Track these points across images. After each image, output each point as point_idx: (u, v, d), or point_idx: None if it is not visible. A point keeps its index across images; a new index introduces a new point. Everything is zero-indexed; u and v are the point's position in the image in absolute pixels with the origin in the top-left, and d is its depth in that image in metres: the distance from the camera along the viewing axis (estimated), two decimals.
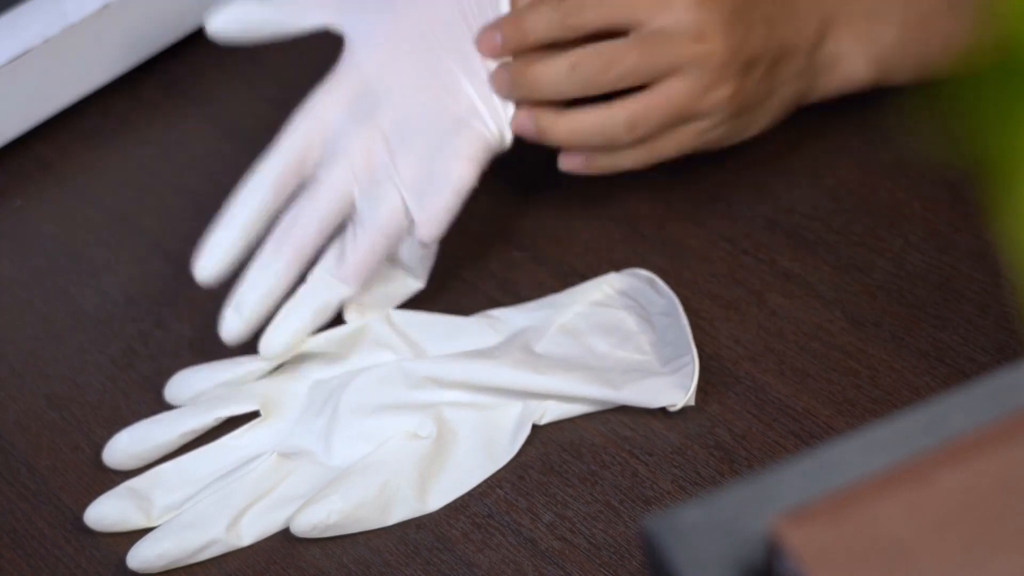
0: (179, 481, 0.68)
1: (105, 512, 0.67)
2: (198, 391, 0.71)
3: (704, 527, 0.41)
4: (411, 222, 0.70)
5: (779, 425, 0.67)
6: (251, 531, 0.66)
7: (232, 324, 0.70)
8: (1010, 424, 0.41)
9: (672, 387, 0.68)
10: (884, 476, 0.40)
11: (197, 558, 0.66)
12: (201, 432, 0.70)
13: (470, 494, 0.67)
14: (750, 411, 0.68)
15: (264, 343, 0.70)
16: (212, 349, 0.73)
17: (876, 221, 0.74)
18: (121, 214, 0.81)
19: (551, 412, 0.69)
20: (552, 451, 0.68)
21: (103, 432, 0.70)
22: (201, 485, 0.68)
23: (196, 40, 0.88)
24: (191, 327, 0.75)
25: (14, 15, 0.81)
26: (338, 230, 0.71)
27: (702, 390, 0.68)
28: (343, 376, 0.70)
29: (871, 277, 0.72)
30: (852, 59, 0.73)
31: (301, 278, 0.71)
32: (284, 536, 0.66)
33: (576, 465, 0.67)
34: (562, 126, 0.71)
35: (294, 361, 0.72)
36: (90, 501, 0.67)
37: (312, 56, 0.85)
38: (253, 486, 0.67)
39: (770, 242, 0.74)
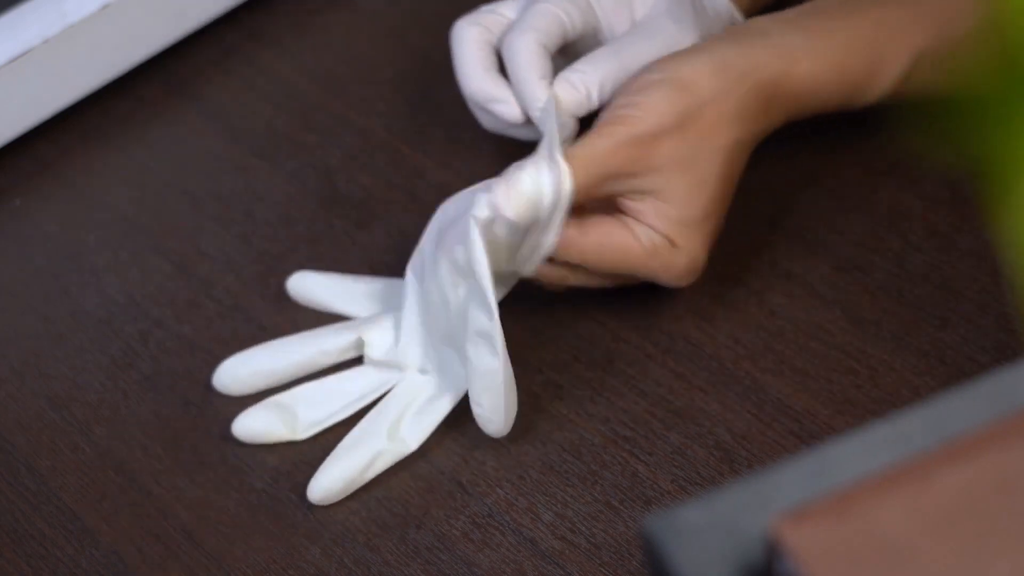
0: (323, 398, 0.69)
1: (251, 423, 0.69)
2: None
3: (704, 527, 0.41)
4: None
5: (779, 425, 0.67)
6: (413, 435, 0.68)
7: None
8: (1010, 424, 0.41)
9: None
10: (884, 476, 0.40)
11: (368, 475, 0.67)
12: (335, 352, 0.70)
13: (470, 494, 0.67)
14: (750, 411, 0.68)
15: None
16: (212, 349, 0.73)
17: (876, 221, 0.74)
18: (121, 214, 0.81)
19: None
20: (552, 451, 0.68)
21: (103, 432, 0.70)
22: (343, 404, 0.69)
23: (196, 40, 0.88)
24: (191, 327, 0.75)
25: (14, 15, 0.81)
26: None
27: (703, 390, 0.68)
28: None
29: (871, 277, 0.72)
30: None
31: None
32: (284, 536, 0.66)
33: (576, 465, 0.67)
34: None
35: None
36: (90, 501, 0.67)
37: (311, 57, 0.85)
38: (402, 396, 0.68)
39: (770, 242, 0.74)
